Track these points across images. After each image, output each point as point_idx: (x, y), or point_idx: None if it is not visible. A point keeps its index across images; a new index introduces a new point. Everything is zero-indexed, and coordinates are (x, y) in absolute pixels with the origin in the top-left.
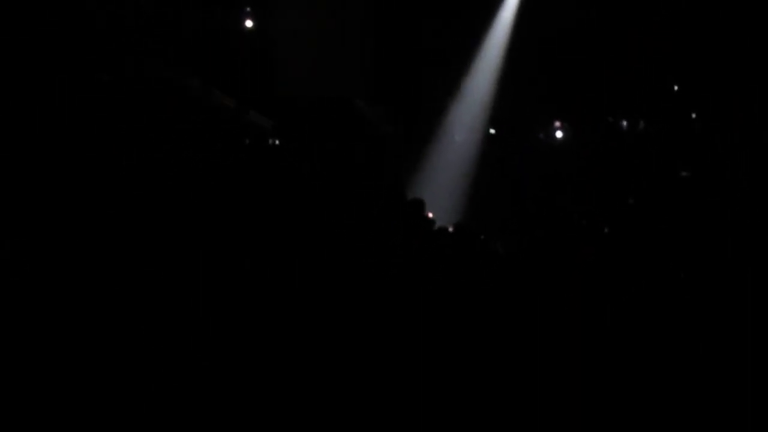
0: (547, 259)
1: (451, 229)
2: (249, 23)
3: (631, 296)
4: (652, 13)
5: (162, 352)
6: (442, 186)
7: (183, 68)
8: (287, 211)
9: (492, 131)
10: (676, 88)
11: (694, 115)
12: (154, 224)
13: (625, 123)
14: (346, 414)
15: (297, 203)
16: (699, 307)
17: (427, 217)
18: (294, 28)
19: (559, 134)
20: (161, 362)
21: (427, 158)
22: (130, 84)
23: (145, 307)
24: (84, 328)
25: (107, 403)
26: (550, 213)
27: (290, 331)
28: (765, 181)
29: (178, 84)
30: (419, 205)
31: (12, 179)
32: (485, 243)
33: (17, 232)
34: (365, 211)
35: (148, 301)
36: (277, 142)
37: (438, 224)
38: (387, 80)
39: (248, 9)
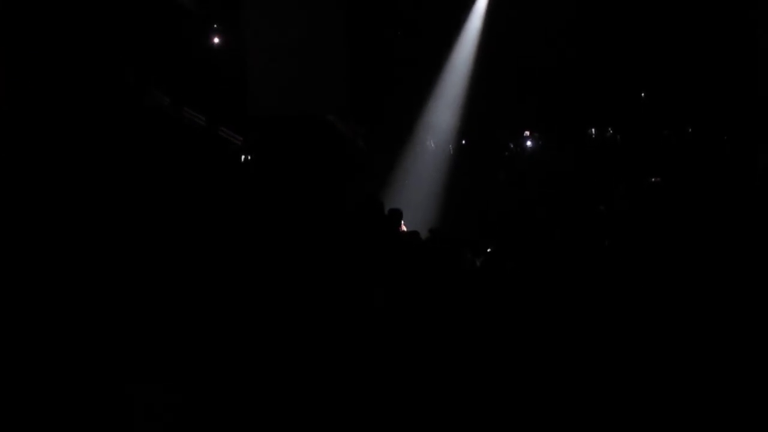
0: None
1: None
2: (217, 40)
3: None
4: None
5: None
6: (415, 195)
7: (153, 85)
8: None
9: (463, 142)
10: (643, 95)
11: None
12: (117, 236)
13: (593, 131)
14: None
15: (273, 217)
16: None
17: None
18: (265, 45)
19: (528, 143)
20: (151, 363)
21: (400, 168)
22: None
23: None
24: (81, 328)
25: (107, 402)
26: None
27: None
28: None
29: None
30: (397, 216)
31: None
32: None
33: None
34: (345, 224)
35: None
36: (249, 158)
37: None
38: (360, 95)
39: (215, 26)
